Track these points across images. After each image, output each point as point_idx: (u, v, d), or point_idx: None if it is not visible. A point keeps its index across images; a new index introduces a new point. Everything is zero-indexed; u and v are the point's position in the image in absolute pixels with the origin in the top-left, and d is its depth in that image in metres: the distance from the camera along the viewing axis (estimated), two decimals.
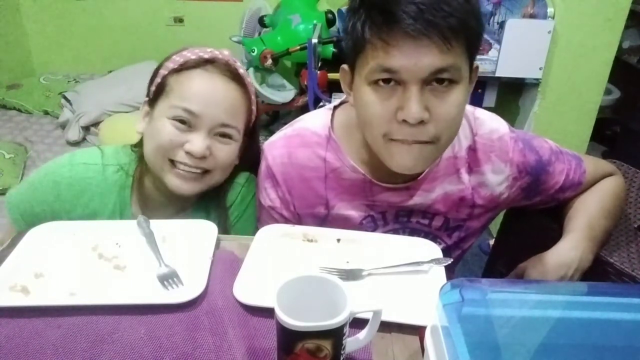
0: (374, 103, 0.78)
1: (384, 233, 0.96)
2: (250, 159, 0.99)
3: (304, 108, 2.16)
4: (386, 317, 0.63)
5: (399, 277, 0.78)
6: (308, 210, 0.96)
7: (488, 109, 0.98)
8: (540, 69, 1.96)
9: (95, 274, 0.76)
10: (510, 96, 2.21)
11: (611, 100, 2.95)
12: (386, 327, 0.66)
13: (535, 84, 2.04)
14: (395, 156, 0.81)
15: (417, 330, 0.67)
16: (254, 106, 0.96)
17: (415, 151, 0.80)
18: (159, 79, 0.92)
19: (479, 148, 0.93)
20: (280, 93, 2.37)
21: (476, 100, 2.12)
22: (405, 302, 0.73)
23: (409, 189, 0.93)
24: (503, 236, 1.22)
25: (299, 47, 2.03)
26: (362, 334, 0.63)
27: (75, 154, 0.96)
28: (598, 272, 0.91)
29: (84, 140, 2.38)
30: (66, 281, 0.74)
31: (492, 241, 1.38)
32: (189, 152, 0.87)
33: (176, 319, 0.68)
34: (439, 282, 0.74)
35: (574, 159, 0.98)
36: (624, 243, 0.96)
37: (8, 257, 0.77)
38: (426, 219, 0.97)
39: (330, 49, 2.09)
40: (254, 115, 0.97)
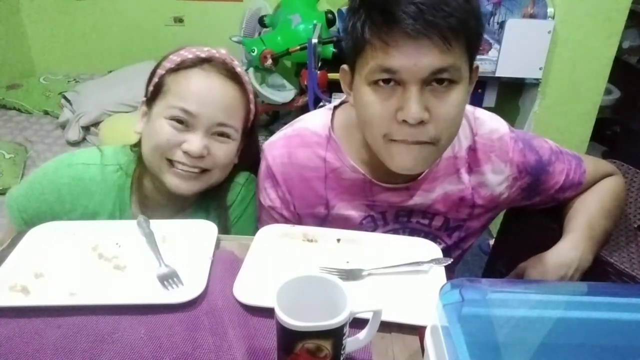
0: (374, 103, 0.78)
1: (384, 233, 0.96)
2: (249, 158, 0.99)
3: (304, 108, 2.16)
4: (386, 317, 0.63)
5: (399, 277, 0.78)
6: (308, 210, 0.96)
7: (488, 109, 0.98)
8: (540, 69, 1.96)
9: (95, 274, 0.76)
10: (510, 96, 2.20)
11: (611, 100, 2.95)
12: (386, 327, 0.66)
13: (535, 84, 2.04)
14: (395, 157, 0.81)
15: (417, 330, 0.67)
16: (252, 105, 0.96)
17: (415, 151, 0.80)
18: (156, 79, 0.92)
19: (479, 148, 0.93)
20: (280, 93, 2.37)
21: (476, 100, 2.12)
22: (405, 302, 0.73)
23: (409, 189, 0.93)
24: (503, 236, 1.22)
25: (299, 47, 2.03)
26: (362, 334, 0.63)
27: (75, 154, 0.96)
28: (598, 272, 0.91)
29: (84, 140, 2.38)
30: (66, 281, 0.74)
31: (492, 241, 1.38)
32: (186, 152, 0.87)
33: (176, 319, 0.68)
34: (439, 282, 0.74)
35: (574, 159, 0.98)
36: (624, 243, 0.96)
37: (8, 257, 0.77)
38: (426, 219, 0.97)
39: (330, 49, 2.09)
40: (252, 114, 0.97)
